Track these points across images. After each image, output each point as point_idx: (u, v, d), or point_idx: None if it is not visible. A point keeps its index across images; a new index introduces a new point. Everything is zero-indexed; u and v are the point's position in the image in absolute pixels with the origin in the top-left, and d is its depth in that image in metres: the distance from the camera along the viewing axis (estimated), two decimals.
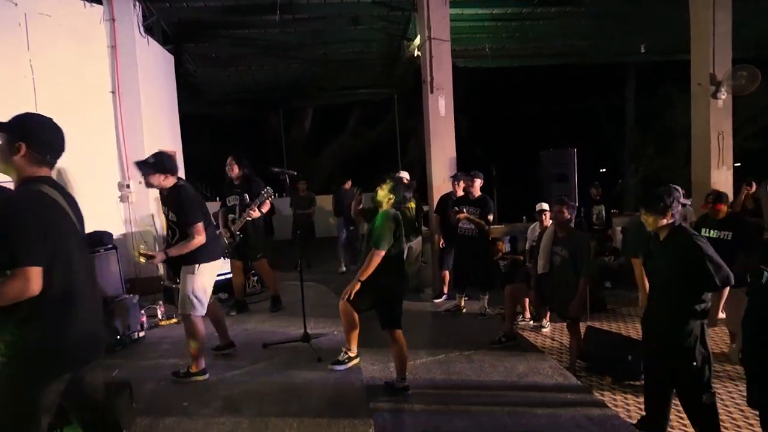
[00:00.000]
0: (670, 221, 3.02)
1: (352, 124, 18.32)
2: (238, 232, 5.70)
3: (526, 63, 12.48)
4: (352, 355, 4.44)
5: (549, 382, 4.17)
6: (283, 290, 7.17)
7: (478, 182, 6.12)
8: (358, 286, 3.93)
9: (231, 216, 5.87)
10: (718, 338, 5.31)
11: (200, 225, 3.92)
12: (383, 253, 3.81)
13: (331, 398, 3.89)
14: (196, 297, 4.06)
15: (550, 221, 5.17)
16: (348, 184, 9.40)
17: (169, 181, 3.98)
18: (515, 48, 10.98)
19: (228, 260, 6.09)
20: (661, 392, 3.16)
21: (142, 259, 3.84)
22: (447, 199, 6.55)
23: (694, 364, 2.94)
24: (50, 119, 2.28)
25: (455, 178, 6.49)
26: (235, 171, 5.92)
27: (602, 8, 9.03)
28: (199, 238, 3.91)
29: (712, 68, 7.60)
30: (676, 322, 2.99)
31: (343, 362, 4.40)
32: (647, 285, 3.50)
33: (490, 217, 6.04)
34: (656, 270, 3.19)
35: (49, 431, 2.37)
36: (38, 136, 2.19)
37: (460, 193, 6.36)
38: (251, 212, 5.61)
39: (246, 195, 5.82)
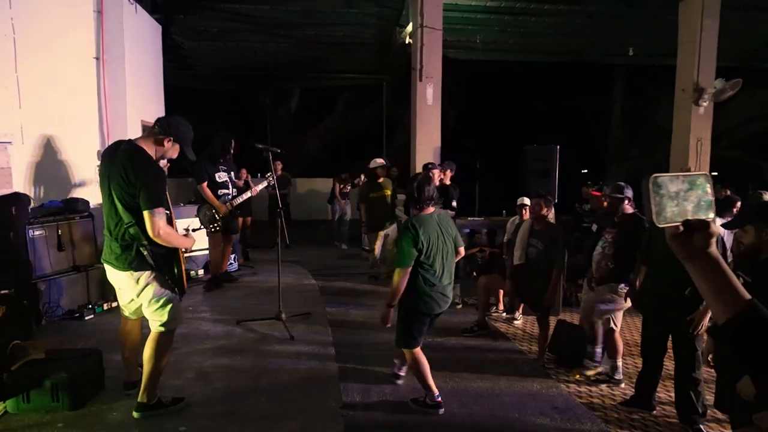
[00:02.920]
0: None
1: (339, 107, 18.21)
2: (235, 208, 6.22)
3: (516, 58, 12.52)
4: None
5: (517, 372, 4.26)
6: (260, 270, 7.24)
7: (437, 173, 6.28)
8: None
9: (224, 191, 6.17)
10: None
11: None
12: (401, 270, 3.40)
13: (303, 375, 3.93)
14: None
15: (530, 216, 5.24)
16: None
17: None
18: (507, 42, 11.01)
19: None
20: (657, 366, 3.61)
21: None
22: None
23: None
24: None
25: (426, 168, 6.54)
26: (232, 151, 6.41)
27: (596, 8, 9.08)
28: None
29: (696, 75, 7.72)
30: (683, 297, 3.30)
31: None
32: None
33: (454, 204, 6.15)
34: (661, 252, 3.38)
35: None
36: None
37: (436, 182, 6.40)
38: (255, 189, 6.31)
39: (232, 173, 6.39)
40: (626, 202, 4.14)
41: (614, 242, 4.13)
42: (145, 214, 2.94)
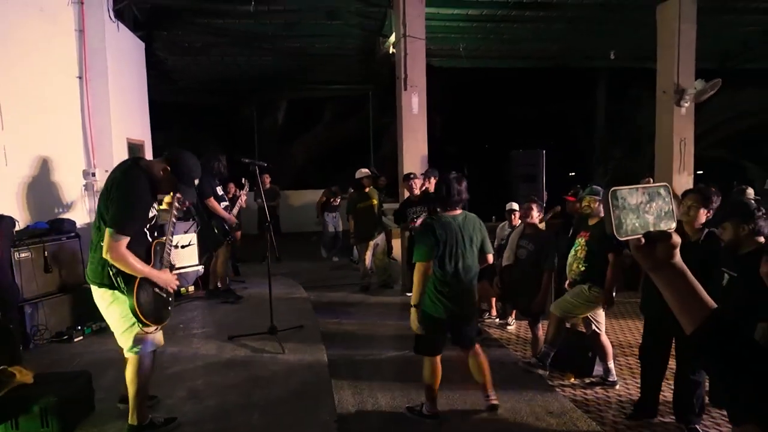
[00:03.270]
0: None
1: (326, 117, 18.24)
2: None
3: (499, 65, 12.63)
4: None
5: (511, 377, 4.26)
6: (251, 283, 7.20)
7: (418, 182, 6.31)
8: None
9: (224, 204, 6.31)
10: None
11: None
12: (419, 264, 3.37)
13: (296, 389, 3.91)
14: None
15: (519, 221, 5.28)
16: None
17: None
18: (489, 49, 11.10)
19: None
20: (660, 372, 3.55)
21: None
22: (406, 203, 6.54)
23: None
24: None
25: (407, 179, 6.50)
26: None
27: (575, 13, 9.20)
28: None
29: (676, 77, 7.84)
30: None
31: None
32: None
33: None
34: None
35: None
36: None
37: (417, 191, 6.36)
38: (242, 200, 6.54)
39: (221, 186, 6.49)
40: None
41: (587, 244, 4.17)
42: (107, 230, 2.84)
